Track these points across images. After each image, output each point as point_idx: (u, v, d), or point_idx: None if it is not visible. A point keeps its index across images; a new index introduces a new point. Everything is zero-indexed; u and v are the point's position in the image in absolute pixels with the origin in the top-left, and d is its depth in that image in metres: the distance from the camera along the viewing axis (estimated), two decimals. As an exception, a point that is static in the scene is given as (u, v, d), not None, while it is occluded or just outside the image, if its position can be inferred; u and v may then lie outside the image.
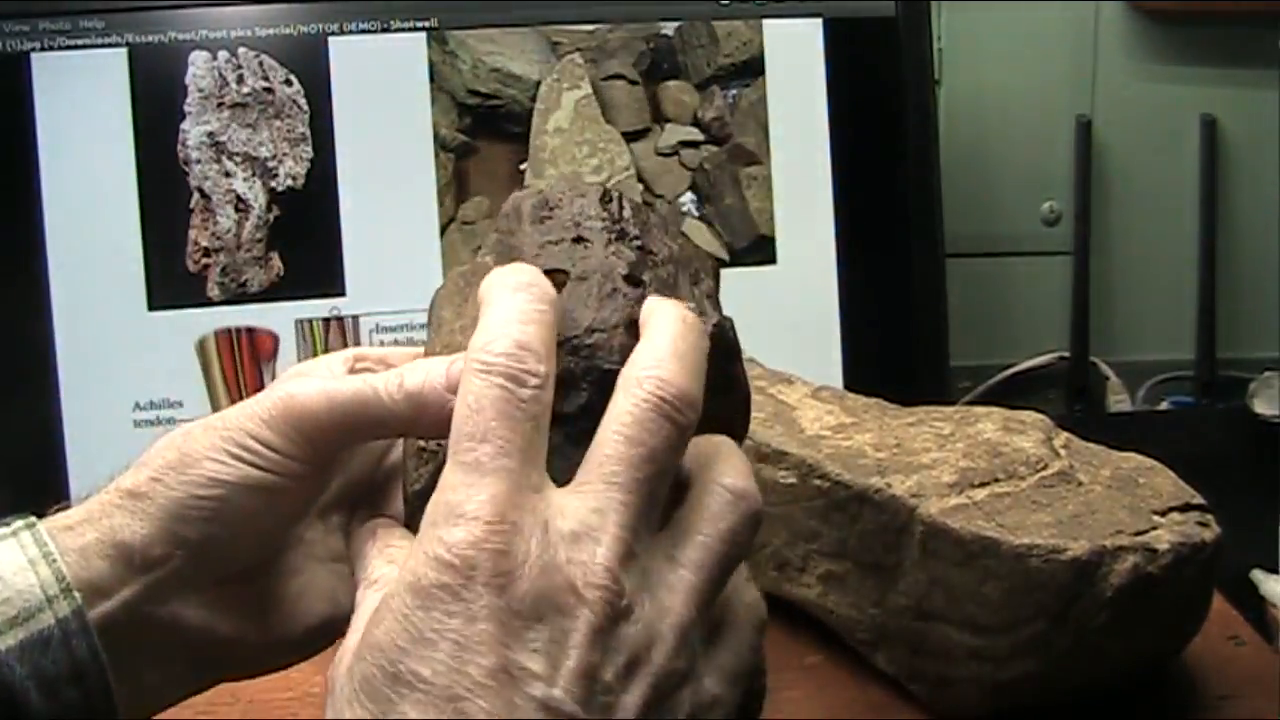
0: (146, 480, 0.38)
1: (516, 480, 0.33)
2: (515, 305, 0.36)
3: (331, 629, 0.42)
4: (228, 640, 0.40)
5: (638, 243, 0.41)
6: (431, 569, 0.32)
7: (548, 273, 0.38)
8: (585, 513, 0.33)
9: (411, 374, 0.38)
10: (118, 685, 0.36)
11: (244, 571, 0.40)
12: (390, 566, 0.38)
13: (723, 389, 0.40)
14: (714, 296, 0.42)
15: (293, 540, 0.42)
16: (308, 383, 0.39)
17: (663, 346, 0.36)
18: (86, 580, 0.37)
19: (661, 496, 0.35)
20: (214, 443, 0.38)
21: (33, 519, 0.38)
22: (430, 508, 0.33)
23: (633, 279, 0.39)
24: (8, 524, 0.38)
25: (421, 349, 0.44)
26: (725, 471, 0.37)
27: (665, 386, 0.35)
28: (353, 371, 0.44)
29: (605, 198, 0.42)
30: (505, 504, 0.32)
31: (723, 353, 0.40)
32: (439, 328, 0.42)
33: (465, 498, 0.32)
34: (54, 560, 0.37)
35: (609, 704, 0.32)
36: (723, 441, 0.38)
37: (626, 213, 0.42)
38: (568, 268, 0.39)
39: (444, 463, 0.35)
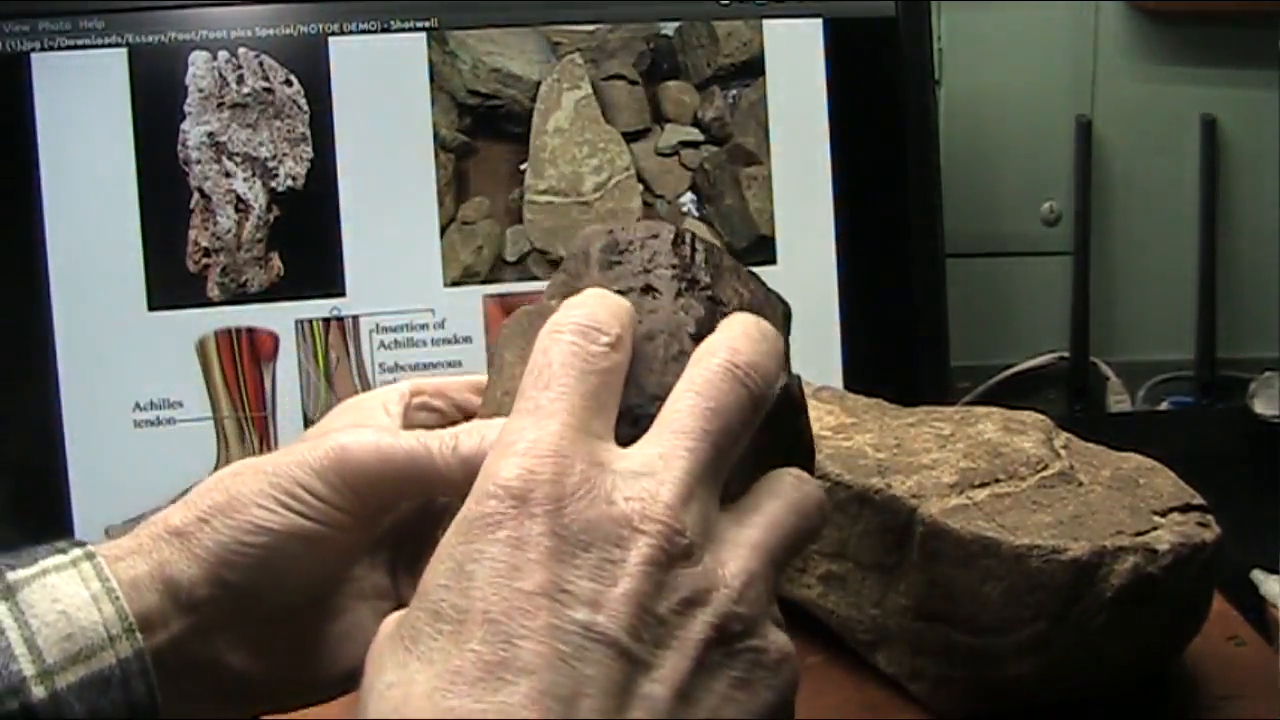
0: (194, 520, 0.38)
1: (576, 422, 0.33)
2: (588, 296, 0.37)
3: None
4: (268, 680, 0.40)
5: (708, 293, 0.40)
6: (478, 503, 0.31)
7: None
8: (649, 457, 0.33)
9: (467, 438, 0.38)
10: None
11: (288, 614, 0.40)
12: None
13: (787, 448, 0.39)
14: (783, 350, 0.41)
15: (339, 581, 0.41)
16: (362, 434, 0.39)
17: (735, 329, 0.36)
18: (139, 613, 0.37)
19: (730, 460, 0.34)
20: (262, 488, 0.38)
21: (90, 548, 0.38)
22: (493, 447, 0.33)
23: (699, 338, 0.38)
24: (64, 551, 0.38)
25: (474, 376, 0.44)
26: (794, 470, 0.37)
27: (737, 354, 0.35)
28: (409, 407, 0.44)
29: (678, 240, 0.41)
30: (561, 440, 0.32)
31: (789, 410, 0.39)
32: (501, 370, 0.42)
33: (520, 436, 0.32)
34: (117, 598, 0.36)
35: (660, 638, 0.31)
36: (799, 472, 0.37)
37: (699, 258, 0.41)
38: (636, 321, 0.38)
39: None
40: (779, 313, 0.43)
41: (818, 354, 0.87)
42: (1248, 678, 0.60)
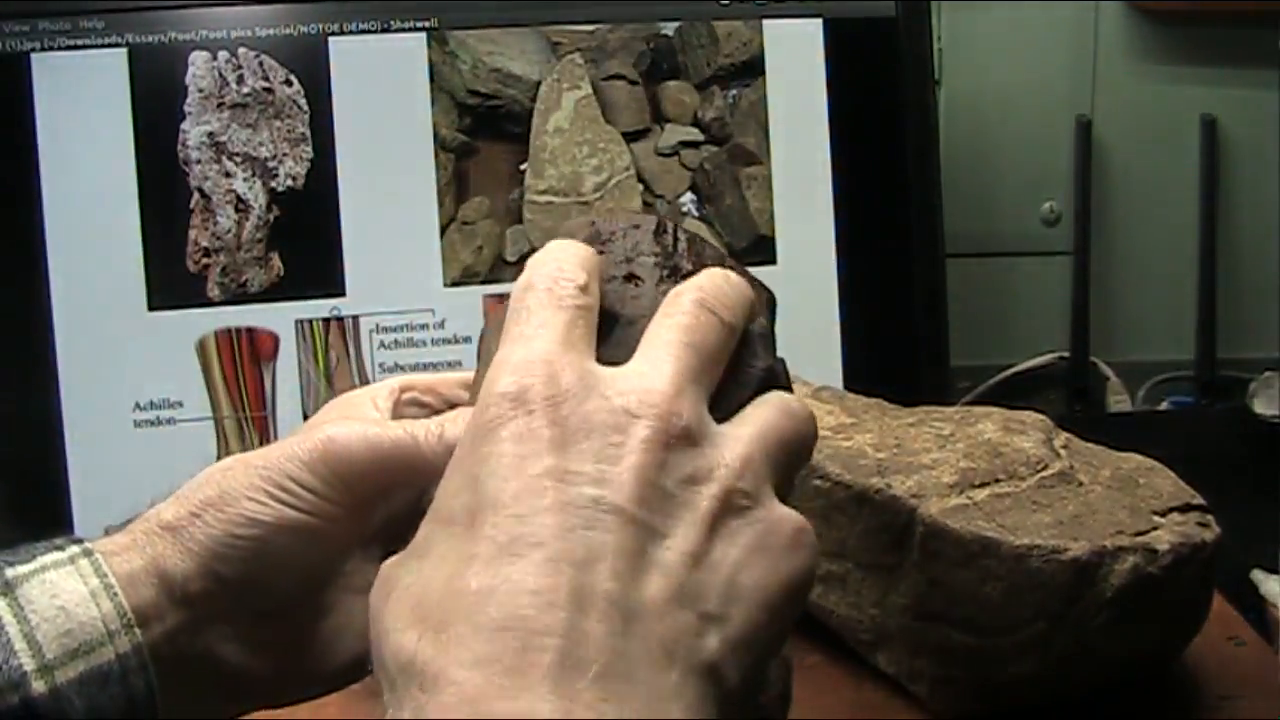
0: (186, 515, 0.38)
1: (561, 340, 0.34)
2: (552, 247, 0.38)
3: (365, 665, 0.41)
4: (263, 674, 0.40)
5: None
6: (479, 415, 0.33)
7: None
8: (636, 366, 0.34)
9: (452, 425, 0.39)
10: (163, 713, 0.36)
11: (282, 607, 0.40)
12: None
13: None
14: (768, 335, 0.41)
15: (332, 575, 0.41)
16: (349, 426, 0.40)
17: (702, 279, 0.37)
18: (135, 607, 0.37)
19: (713, 376, 0.35)
20: (254, 482, 0.39)
21: (88, 545, 0.38)
22: (487, 372, 0.34)
23: None
24: (61, 547, 0.38)
25: (466, 373, 0.45)
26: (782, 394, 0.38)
27: (703, 290, 0.36)
28: (399, 403, 0.44)
29: (660, 230, 0.41)
30: (550, 352, 0.33)
31: (777, 390, 0.39)
32: (488, 362, 0.41)
33: (508, 357, 0.33)
34: (115, 594, 0.37)
35: (669, 509, 0.32)
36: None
37: (681, 246, 0.41)
38: (618, 310, 0.39)
39: None
40: (763, 299, 0.43)
41: (818, 354, 0.87)
42: (1248, 678, 0.60)
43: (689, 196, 0.88)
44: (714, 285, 0.37)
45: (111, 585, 0.37)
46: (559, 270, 0.36)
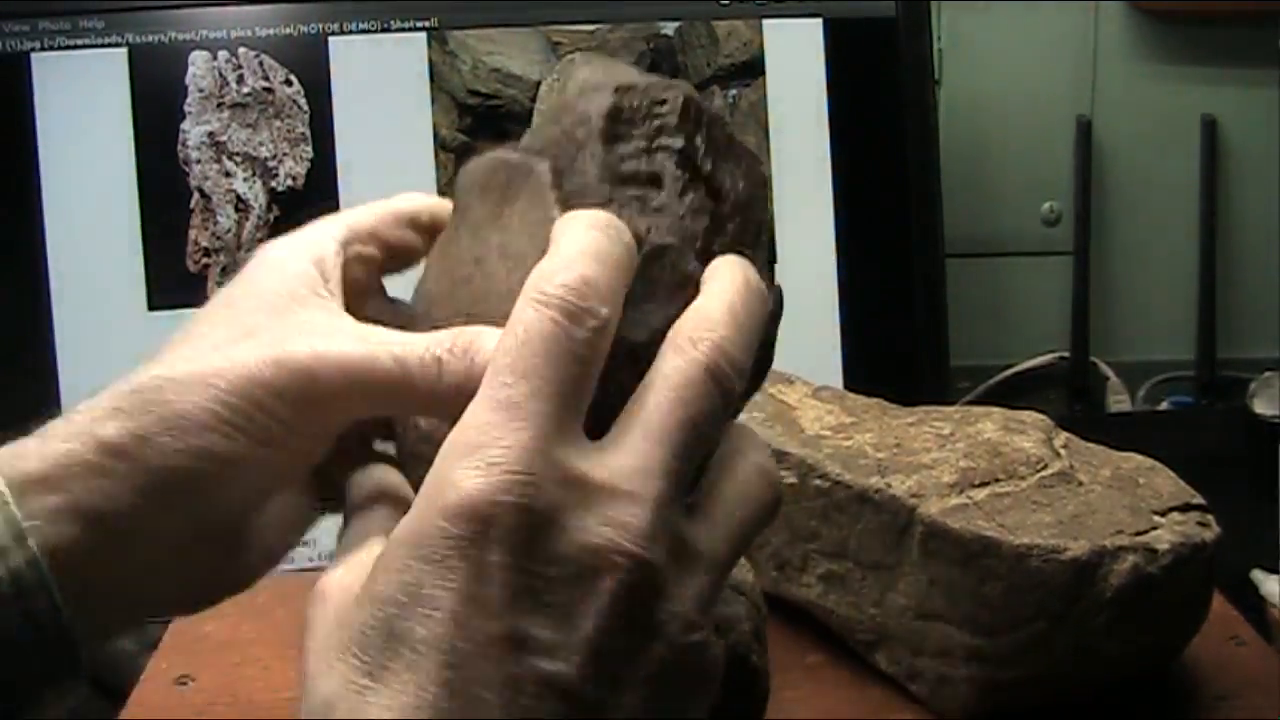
0: (130, 437, 0.34)
1: (550, 426, 0.30)
2: (590, 240, 0.33)
3: (284, 558, 0.40)
4: (188, 583, 0.37)
5: (710, 184, 0.37)
6: (442, 518, 0.29)
7: None
8: (627, 470, 0.31)
9: (452, 359, 0.34)
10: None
11: (215, 531, 0.37)
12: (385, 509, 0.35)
13: (760, 360, 0.37)
14: (765, 248, 0.39)
15: (275, 491, 0.38)
16: (327, 354, 0.34)
17: (723, 309, 0.33)
18: (55, 545, 0.33)
19: (698, 464, 0.33)
20: (214, 409, 0.34)
21: None
22: (448, 444, 0.30)
23: (704, 257, 0.35)
24: None
25: (404, 203, 0.43)
26: (754, 449, 0.35)
27: (721, 353, 0.33)
28: (347, 263, 0.41)
29: (685, 112, 0.37)
30: (532, 453, 0.30)
31: (773, 322, 0.37)
32: (470, 225, 0.38)
33: (489, 440, 0.30)
34: (5, 502, 0.34)
35: (617, 676, 0.30)
36: (744, 425, 0.36)
37: (701, 139, 0.37)
38: (642, 231, 0.35)
39: None
40: (763, 197, 0.40)
41: (818, 354, 0.87)
42: (1247, 678, 0.60)
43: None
44: (734, 335, 0.33)
45: (2, 492, 0.34)
46: (582, 295, 0.31)
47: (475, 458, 0.29)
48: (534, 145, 0.39)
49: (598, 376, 0.32)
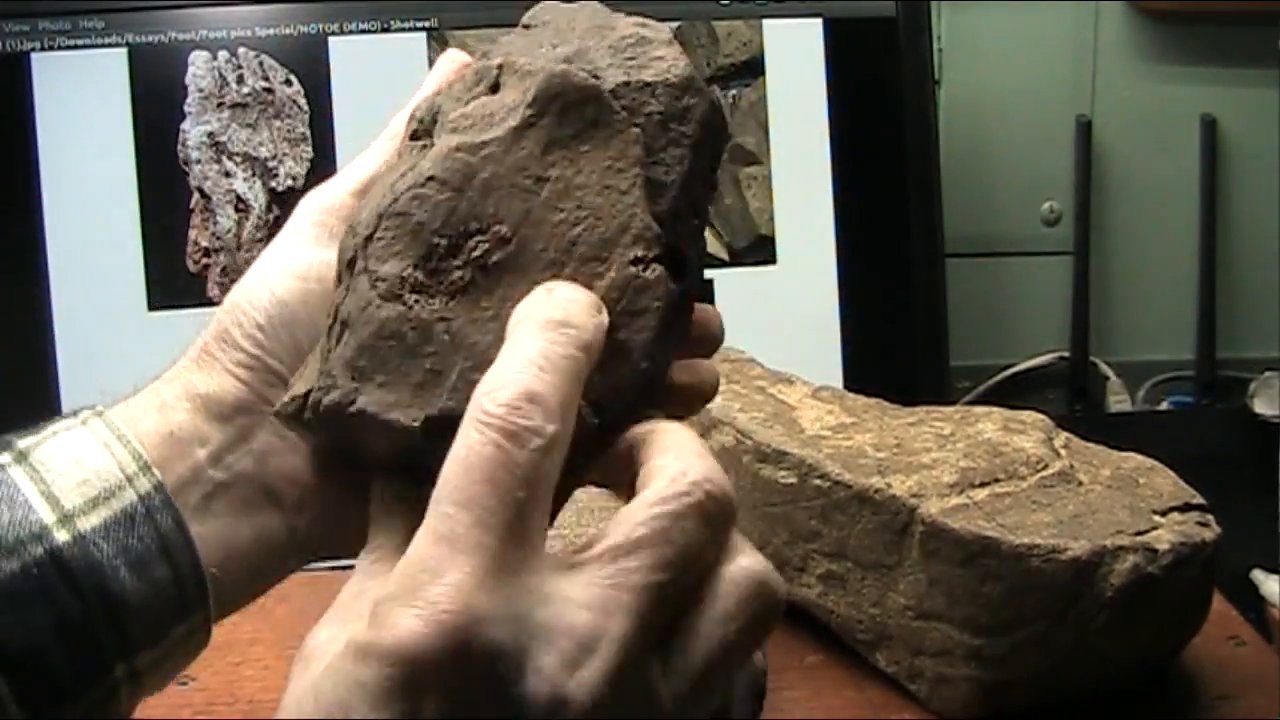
0: (211, 339, 0.40)
1: (494, 561, 0.28)
2: (538, 346, 0.31)
3: None
4: (317, 481, 0.38)
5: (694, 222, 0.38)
6: (379, 661, 0.27)
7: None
8: (584, 613, 0.29)
9: None
10: (209, 557, 0.36)
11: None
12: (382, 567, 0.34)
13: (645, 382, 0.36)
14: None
15: None
16: None
17: (689, 449, 0.32)
18: (173, 432, 0.37)
19: (674, 606, 0.30)
20: (266, 276, 0.40)
21: (100, 408, 0.38)
22: (392, 577, 0.29)
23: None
24: (74, 414, 0.38)
25: (364, 168, 0.42)
26: (739, 549, 0.31)
27: (713, 488, 0.30)
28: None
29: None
30: (472, 594, 0.28)
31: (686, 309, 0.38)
32: (542, 140, 0.37)
33: (429, 577, 0.28)
34: (128, 441, 0.36)
35: None
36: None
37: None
38: (693, 259, 0.37)
39: (312, 421, 0.34)
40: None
41: (818, 354, 0.87)
42: (1247, 678, 0.60)
43: (689, 196, 0.88)
44: (718, 471, 0.31)
45: (124, 435, 0.36)
46: (525, 414, 0.30)
47: (414, 597, 0.28)
48: (621, 94, 0.37)
49: (549, 496, 0.30)
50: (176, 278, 0.82)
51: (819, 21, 0.88)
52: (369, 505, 0.36)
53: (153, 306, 0.82)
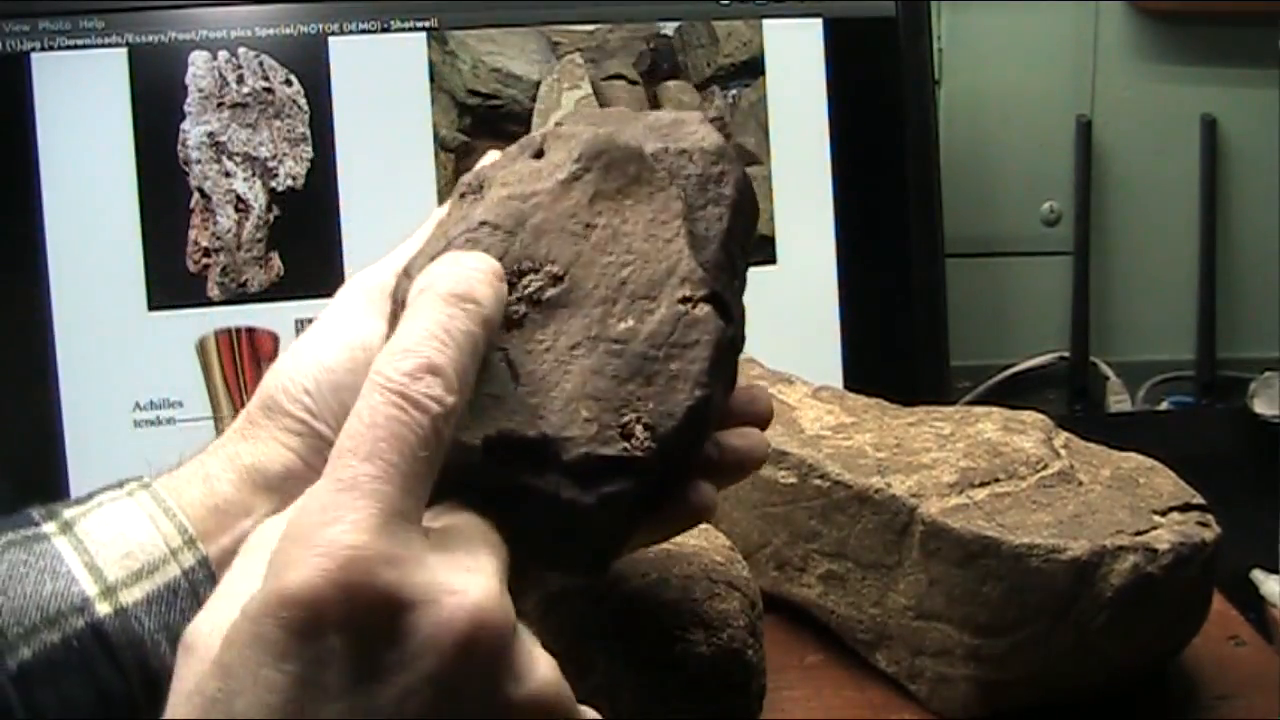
0: (256, 409, 0.39)
1: (393, 507, 0.29)
2: (439, 319, 0.32)
3: None
4: None
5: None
6: (281, 606, 0.28)
7: None
8: (466, 551, 0.31)
9: None
10: None
11: None
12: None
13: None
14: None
15: None
16: None
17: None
18: (220, 503, 0.37)
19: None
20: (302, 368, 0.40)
21: (147, 480, 0.38)
22: (290, 525, 0.30)
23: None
24: (120, 485, 0.38)
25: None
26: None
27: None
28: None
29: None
30: (375, 530, 0.29)
31: (733, 351, 0.40)
32: (590, 191, 0.40)
33: (330, 519, 0.29)
34: (174, 515, 0.36)
35: None
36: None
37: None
38: (736, 315, 0.40)
39: None
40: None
41: (818, 354, 0.87)
42: (1248, 678, 0.60)
43: (689, 196, 0.88)
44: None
45: (170, 508, 0.36)
46: (429, 376, 0.31)
47: (315, 539, 0.28)
48: (660, 159, 0.40)
49: (439, 463, 0.31)
50: (176, 278, 0.82)
51: (819, 21, 0.88)
52: None
53: (153, 306, 0.81)
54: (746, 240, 0.42)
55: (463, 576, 0.30)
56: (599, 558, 0.38)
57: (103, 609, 0.34)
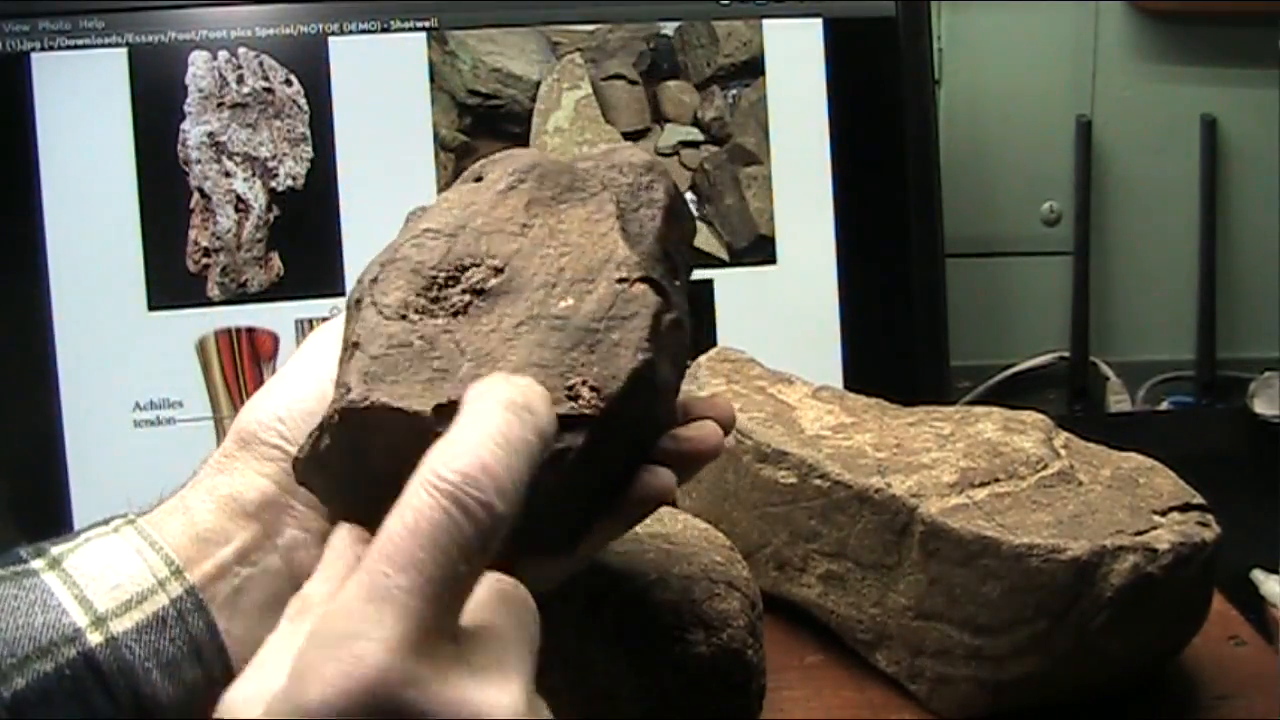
0: (232, 446, 0.40)
1: (423, 626, 0.29)
2: (497, 423, 0.31)
3: None
4: None
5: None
6: (304, 712, 0.28)
7: None
8: (496, 668, 0.30)
9: None
10: (238, 654, 0.36)
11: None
12: (305, 618, 0.34)
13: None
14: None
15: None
16: None
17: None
18: (201, 533, 0.37)
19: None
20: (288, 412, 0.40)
21: (132, 516, 0.38)
22: (319, 626, 0.29)
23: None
24: (105, 523, 0.38)
25: None
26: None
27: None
28: None
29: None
30: (402, 652, 0.28)
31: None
32: (528, 200, 0.42)
33: (360, 630, 0.28)
34: (159, 547, 0.37)
35: None
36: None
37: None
38: (683, 313, 0.41)
39: (332, 428, 0.34)
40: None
41: (818, 354, 0.87)
42: (1247, 678, 0.60)
43: (689, 196, 0.88)
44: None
45: (155, 541, 0.37)
46: (483, 478, 0.30)
47: (341, 651, 0.28)
48: (595, 172, 0.43)
49: (481, 574, 0.30)
50: (176, 278, 0.82)
51: (819, 21, 0.88)
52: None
53: (153, 306, 0.82)
54: (683, 249, 0.44)
55: (491, 694, 0.29)
56: (567, 534, 0.39)
57: (94, 639, 0.35)
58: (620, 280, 0.39)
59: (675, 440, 0.41)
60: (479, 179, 0.43)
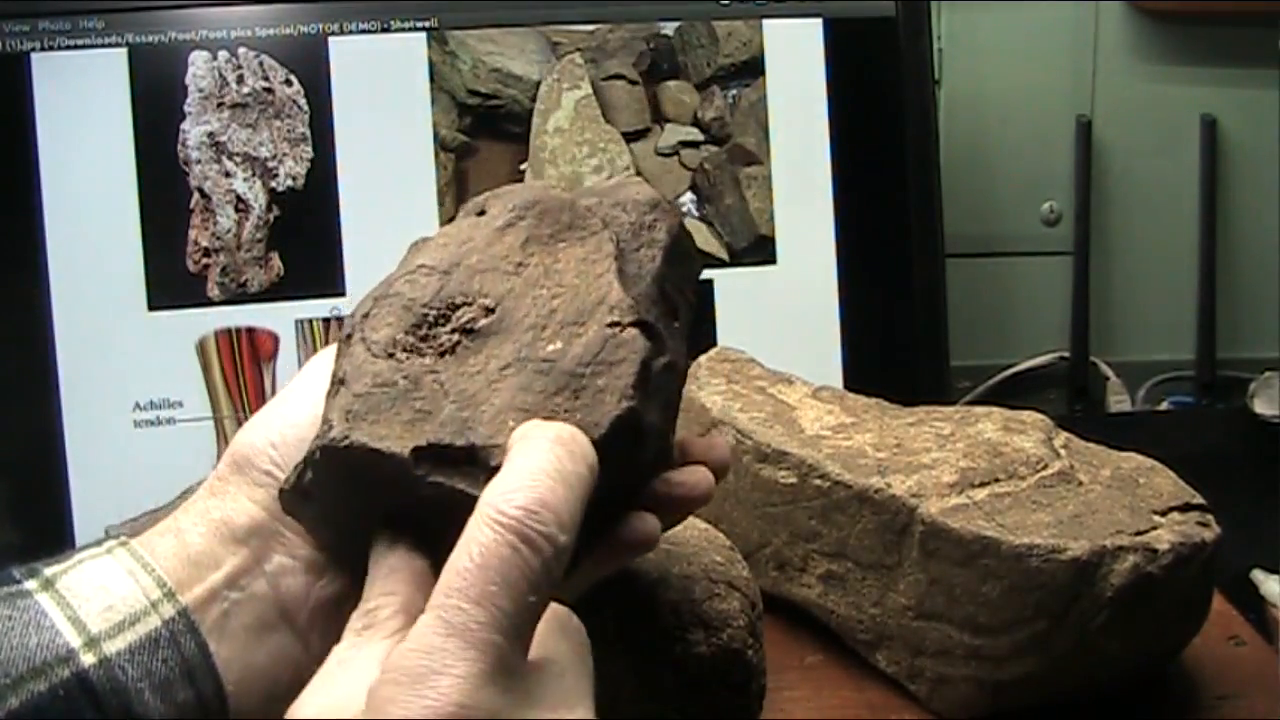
0: (225, 471, 0.40)
1: (502, 659, 0.30)
2: (551, 458, 0.33)
3: None
4: (328, 600, 0.39)
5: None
6: None
7: None
8: (563, 697, 0.31)
9: None
10: (226, 676, 0.37)
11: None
12: (369, 635, 0.34)
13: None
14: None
15: None
16: None
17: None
18: (192, 556, 0.38)
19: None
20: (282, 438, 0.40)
21: (124, 538, 0.39)
22: (395, 662, 0.30)
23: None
24: (99, 544, 0.39)
25: None
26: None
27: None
28: None
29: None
30: (483, 687, 0.29)
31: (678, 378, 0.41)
32: (524, 238, 0.42)
33: (440, 667, 0.29)
34: (152, 570, 0.37)
35: None
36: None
37: None
38: (679, 359, 0.41)
39: (314, 464, 0.35)
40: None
41: (818, 354, 0.87)
42: (1248, 678, 0.60)
43: (689, 196, 0.88)
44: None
45: (148, 563, 0.37)
46: (543, 512, 0.31)
47: (423, 688, 0.29)
48: (597, 210, 0.43)
49: (547, 604, 0.31)
50: (176, 278, 0.82)
51: (819, 21, 0.88)
52: (368, 563, 0.36)
53: (153, 306, 0.82)
54: (685, 286, 0.44)
55: None
56: None
57: (87, 659, 0.35)
58: (611, 324, 0.39)
59: (667, 485, 0.41)
60: (481, 213, 0.43)
